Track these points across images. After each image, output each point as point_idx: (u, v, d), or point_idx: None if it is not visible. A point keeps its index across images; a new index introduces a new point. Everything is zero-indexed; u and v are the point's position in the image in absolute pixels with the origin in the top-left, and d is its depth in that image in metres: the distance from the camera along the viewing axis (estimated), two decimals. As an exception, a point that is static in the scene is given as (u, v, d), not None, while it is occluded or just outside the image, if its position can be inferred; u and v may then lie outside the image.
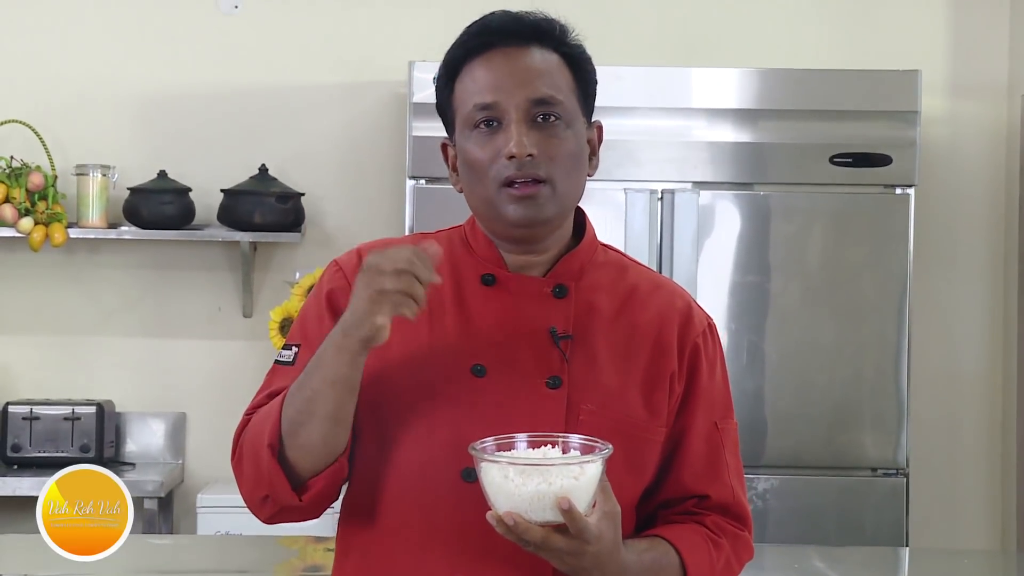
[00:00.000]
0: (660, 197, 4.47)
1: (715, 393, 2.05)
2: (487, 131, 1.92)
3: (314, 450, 1.87)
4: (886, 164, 4.53)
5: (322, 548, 3.47)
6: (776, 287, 4.56)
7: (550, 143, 1.91)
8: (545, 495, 1.73)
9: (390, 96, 5.09)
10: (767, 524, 4.46)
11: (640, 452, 1.97)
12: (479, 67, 1.94)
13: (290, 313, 4.84)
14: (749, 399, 4.50)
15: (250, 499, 1.95)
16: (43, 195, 4.97)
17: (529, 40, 1.94)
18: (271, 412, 1.90)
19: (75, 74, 5.15)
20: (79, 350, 5.15)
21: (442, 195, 4.50)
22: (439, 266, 1.86)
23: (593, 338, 1.97)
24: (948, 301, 5.17)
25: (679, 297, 2.06)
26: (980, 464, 5.18)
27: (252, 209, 4.93)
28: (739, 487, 2.05)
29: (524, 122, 1.91)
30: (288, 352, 1.99)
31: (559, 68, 1.95)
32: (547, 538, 1.75)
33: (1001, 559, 4.44)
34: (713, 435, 2.03)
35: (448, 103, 1.99)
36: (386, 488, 1.93)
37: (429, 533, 1.91)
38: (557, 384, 1.93)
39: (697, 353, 2.02)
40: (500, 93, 1.91)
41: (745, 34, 5.18)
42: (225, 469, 5.14)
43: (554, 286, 1.98)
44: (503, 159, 1.90)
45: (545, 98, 1.92)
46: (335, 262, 2.05)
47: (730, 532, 2.03)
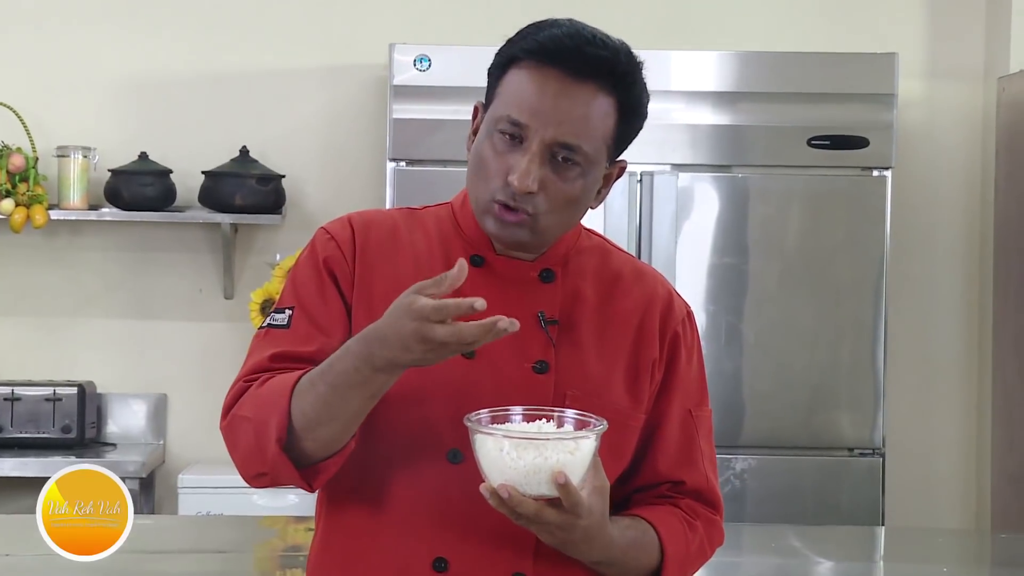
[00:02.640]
0: (639, 179, 4.49)
1: (691, 381, 2.06)
2: (508, 141, 1.89)
3: (332, 443, 1.86)
4: (863, 147, 4.56)
5: (303, 528, 3.48)
6: (754, 269, 4.59)
7: (555, 184, 1.89)
8: (541, 469, 1.75)
9: (371, 78, 5.09)
10: (745, 504, 4.49)
11: (621, 438, 1.98)
12: (531, 79, 1.89)
13: (271, 295, 4.85)
14: (727, 380, 4.53)
15: (243, 468, 1.92)
16: (24, 177, 4.96)
17: (590, 76, 1.89)
18: (277, 400, 1.86)
19: (56, 56, 5.14)
20: (60, 331, 5.16)
21: (423, 177, 4.52)
22: (432, 249, 1.90)
23: (579, 324, 1.99)
24: (924, 283, 5.20)
25: (660, 285, 2.07)
26: (955, 444, 5.22)
27: (233, 191, 4.94)
28: (712, 473, 2.08)
29: (541, 155, 1.88)
30: (281, 315, 1.97)
31: (605, 115, 1.91)
32: (540, 512, 1.76)
33: (975, 538, 4.47)
34: (688, 422, 2.05)
35: (496, 81, 1.94)
36: (371, 468, 1.93)
37: (412, 513, 1.92)
38: (544, 369, 1.94)
39: (677, 341, 2.04)
40: (534, 119, 1.87)
41: (723, 17, 5.20)
42: (206, 450, 5.19)
43: (541, 270, 1.99)
44: (507, 180, 1.88)
45: (571, 144, 1.88)
46: (325, 230, 2.03)
47: (704, 516, 2.06)
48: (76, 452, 4.85)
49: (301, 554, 3.12)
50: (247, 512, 4.58)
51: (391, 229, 2.01)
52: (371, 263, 1.98)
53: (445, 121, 4.48)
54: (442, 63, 4.53)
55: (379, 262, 1.98)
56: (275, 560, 3.33)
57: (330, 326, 1.94)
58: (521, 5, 5.11)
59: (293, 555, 3.20)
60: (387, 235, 2.00)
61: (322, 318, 1.95)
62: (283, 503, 4.66)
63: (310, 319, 1.95)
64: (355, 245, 1.99)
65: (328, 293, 1.95)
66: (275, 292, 4.82)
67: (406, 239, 2.00)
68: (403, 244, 2.00)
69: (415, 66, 4.53)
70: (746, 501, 4.49)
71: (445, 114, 4.48)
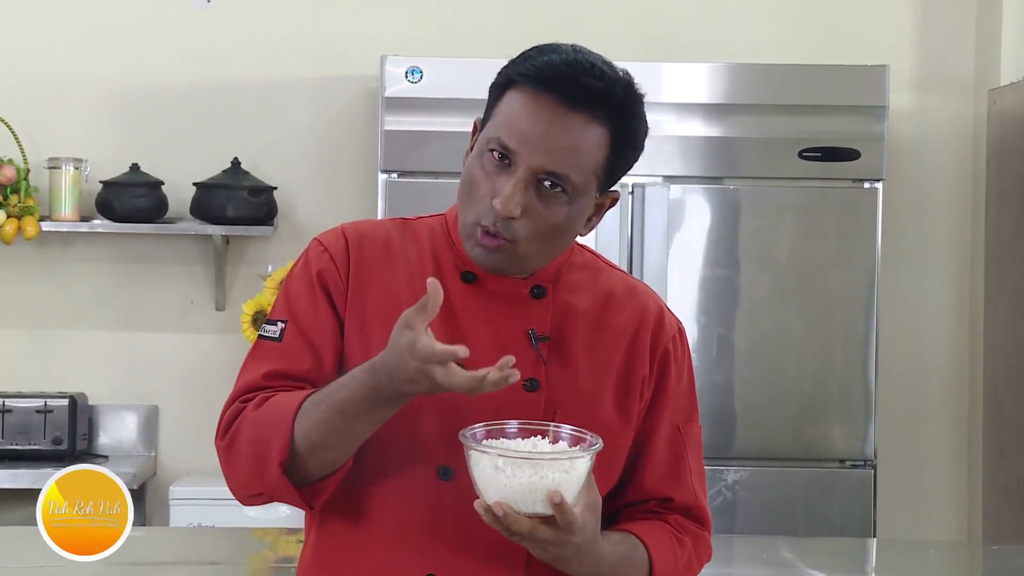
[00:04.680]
0: (631, 191, 4.50)
1: (681, 397, 2.07)
2: (498, 163, 1.88)
3: (332, 463, 1.88)
4: (854, 159, 4.57)
5: (294, 540, 3.47)
6: (745, 281, 4.60)
7: (538, 211, 1.88)
8: (536, 488, 1.75)
9: (362, 90, 5.09)
10: (736, 515, 4.49)
11: (610, 456, 1.97)
12: (525, 104, 1.88)
13: (262, 306, 4.84)
14: (718, 392, 4.53)
15: (238, 489, 1.93)
16: (15, 188, 4.96)
17: (585, 105, 1.87)
18: (279, 424, 1.86)
19: (48, 67, 5.14)
20: (51, 343, 5.15)
21: (414, 189, 4.53)
22: (424, 263, 1.94)
23: (569, 341, 1.98)
24: (915, 294, 5.20)
25: (652, 301, 2.07)
26: (947, 456, 5.22)
27: (225, 203, 4.94)
28: (701, 490, 2.08)
29: (526, 181, 1.87)
30: (274, 328, 1.97)
31: (597, 146, 1.89)
32: (534, 529, 1.77)
33: (967, 550, 4.47)
34: (676, 439, 2.05)
35: (495, 100, 1.94)
36: (362, 481, 1.93)
37: (403, 528, 1.92)
38: (535, 387, 1.94)
39: (667, 358, 2.04)
40: (523, 146, 1.86)
41: (714, 29, 5.20)
42: (197, 462, 5.18)
43: (532, 287, 1.98)
44: (491, 202, 1.88)
45: (558, 173, 1.87)
46: (318, 242, 2.03)
47: (692, 531, 2.06)
48: (67, 464, 4.81)
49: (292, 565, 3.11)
50: (238, 524, 4.57)
51: (384, 240, 2.01)
52: (365, 275, 1.98)
53: (436, 133, 4.49)
54: (434, 75, 4.53)
55: (373, 274, 1.98)
56: (267, 572, 3.33)
57: (322, 342, 1.95)
58: (513, 18, 5.14)
59: (285, 567, 3.20)
60: (381, 247, 2.00)
61: (314, 333, 1.95)
62: (275, 515, 4.66)
63: (302, 334, 1.95)
64: (349, 257, 1.99)
65: (321, 307, 1.95)
66: (267, 304, 4.82)
67: (399, 251, 2.00)
68: (396, 256, 2.00)
69: (407, 78, 4.53)
70: (737, 513, 4.50)
71: (436, 126, 4.49)
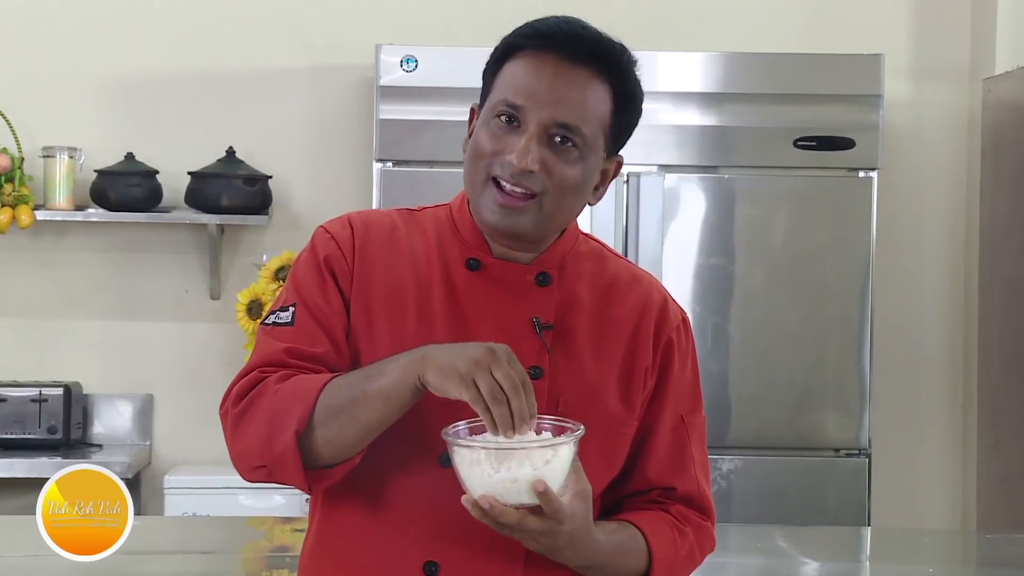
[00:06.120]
0: (626, 180, 4.50)
1: (684, 387, 2.06)
2: (506, 126, 1.90)
3: (343, 449, 1.88)
4: (849, 148, 4.57)
5: (289, 529, 3.48)
6: (740, 270, 4.60)
7: (555, 166, 1.89)
8: (520, 479, 1.75)
9: (357, 79, 5.09)
10: (731, 504, 4.49)
11: (613, 444, 1.98)
12: (527, 65, 1.91)
13: (257, 295, 4.84)
14: (714, 381, 4.53)
15: (242, 458, 1.93)
16: (9, 177, 4.95)
17: (586, 60, 1.91)
18: (304, 394, 1.87)
19: (42, 56, 5.13)
20: (46, 332, 5.14)
21: (409, 178, 4.52)
22: (429, 252, 1.94)
23: (574, 329, 1.98)
24: (910, 283, 5.21)
25: (656, 291, 2.07)
26: (941, 445, 5.23)
27: (219, 192, 4.94)
28: (704, 480, 2.07)
29: (539, 137, 1.88)
30: (285, 313, 1.97)
31: (601, 100, 1.92)
32: (522, 520, 1.77)
33: (961, 539, 4.47)
34: (679, 429, 2.05)
35: (491, 79, 1.96)
36: (367, 469, 1.93)
37: (405, 516, 1.93)
38: (538, 374, 1.94)
39: (671, 347, 2.04)
40: (530, 100, 1.89)
41: (710, 18, 5.20)
42: (193, 451, 5.18)
43: (537, 274, 1.98)
44: (505, 158, 1.89)
45: (568, 124, 1.89)
46: (325, 229, 2.02)
47: (694, 522, 2.06)
48: (62, 453, 4.84)
49: (288, 555, 3.12)
50: (234, 513, 4.57)
51: (390, 230, 2.01)
52: (370, 263, 1.98)
53: (431, 122, 4.49)
54: (428, 64, 4.53)
55: (378, 263, 1.98)
56: (262, 561, 3.33)
57: (332, 325, 1.95)
58: (508, 6, 5.13)
59: (280, 556, 3.20)
60: (386, 236, 2.00)
61: (324, 317, 1.95)
62: (270, 504, 4.66)
63: (313, 317, 1.95)
64: (354, 245, 1.99)
65: (329, 291, 1.96)
66: (261, 293, 4.82)
67: (404, 240, 2.00)
68: (401, 245, 2.00)
69: (401, 67, 4.53)
70: (732, 502, 4.50)
71: (431, 115, 4.49)
